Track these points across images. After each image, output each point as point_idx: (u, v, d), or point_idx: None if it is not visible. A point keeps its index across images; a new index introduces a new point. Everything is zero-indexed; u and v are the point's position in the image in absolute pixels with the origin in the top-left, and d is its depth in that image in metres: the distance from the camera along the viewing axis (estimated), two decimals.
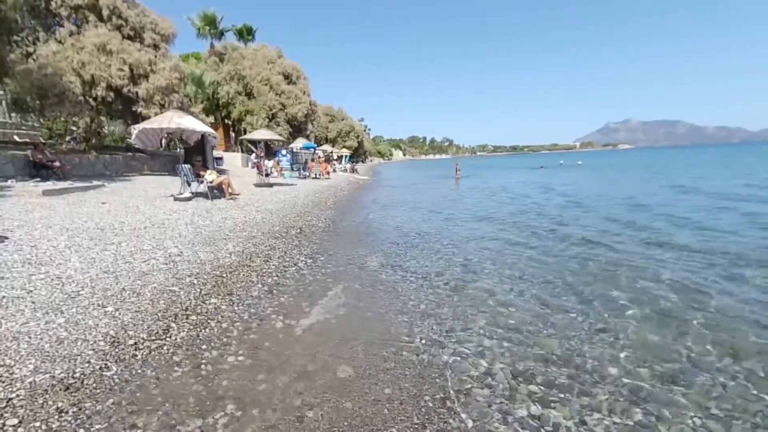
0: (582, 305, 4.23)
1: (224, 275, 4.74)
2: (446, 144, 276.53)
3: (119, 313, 3.37)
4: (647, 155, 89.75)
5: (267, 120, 27.79)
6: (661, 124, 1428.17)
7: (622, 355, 3.19)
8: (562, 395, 2.67)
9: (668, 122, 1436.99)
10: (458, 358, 3.14)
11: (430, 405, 2.55)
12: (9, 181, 9.39)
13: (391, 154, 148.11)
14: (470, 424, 2.38)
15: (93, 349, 2.81)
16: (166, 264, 4.75)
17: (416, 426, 2.34)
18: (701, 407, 2.57)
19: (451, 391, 2.70)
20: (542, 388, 2.76)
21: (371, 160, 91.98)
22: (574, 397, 2.65)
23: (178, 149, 16.60)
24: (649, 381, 2.84)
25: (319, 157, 27.94)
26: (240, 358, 3.01)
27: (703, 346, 3.34)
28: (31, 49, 12.36)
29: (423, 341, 3.44)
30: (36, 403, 2.24)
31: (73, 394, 2.36)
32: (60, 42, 13.23)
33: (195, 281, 4.38)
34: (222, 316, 3.69)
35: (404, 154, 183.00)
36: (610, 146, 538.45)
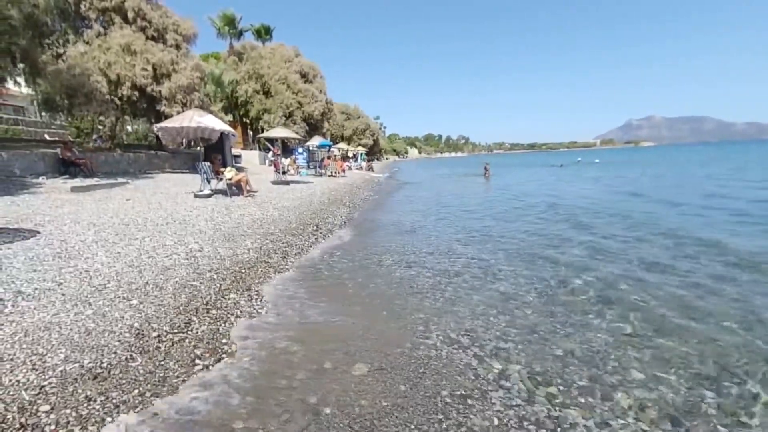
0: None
1: (243, 271, 4.82)
2: (462, 142, 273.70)
3: (143, 306, 3.47)
4: (669, 153, 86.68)
5: (284, 118, 28.12)
6: (687, 120, 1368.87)
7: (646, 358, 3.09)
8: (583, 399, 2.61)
9: (694, 118, 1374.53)
10: (476, 356, 3.11)
11: (448, 401, 2.53)
12: (40, 178, 9.81)
13: (406, 152, 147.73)
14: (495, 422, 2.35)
15: (119, 341, 2.90)
16: (188, 259, 4.87)
17: (433, 423, 2.32)
18: (731, 415, 2.46)
19: (472, 390, 2.67)
20: (561, 389, 2.70)
21: (386, 158, 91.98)
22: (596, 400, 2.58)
23: (198, 147, 16.93)
24: (675, 388, 2.75)
25: (335, 155, 28.05)
26: (259, 353, 3.05)
27: (733, 353, 3.19)
28: (60, 51, 12.84)
29: (440, 338, 3.42)
30: (66, 391, 2.32)
31: (100, 383, 2.44)
32: (87, 43, 13.71)
33: (215, 276, 4.47)
34: (241, 311, 3.75)
35: (419, 152, 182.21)
36: (632, 143, 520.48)
